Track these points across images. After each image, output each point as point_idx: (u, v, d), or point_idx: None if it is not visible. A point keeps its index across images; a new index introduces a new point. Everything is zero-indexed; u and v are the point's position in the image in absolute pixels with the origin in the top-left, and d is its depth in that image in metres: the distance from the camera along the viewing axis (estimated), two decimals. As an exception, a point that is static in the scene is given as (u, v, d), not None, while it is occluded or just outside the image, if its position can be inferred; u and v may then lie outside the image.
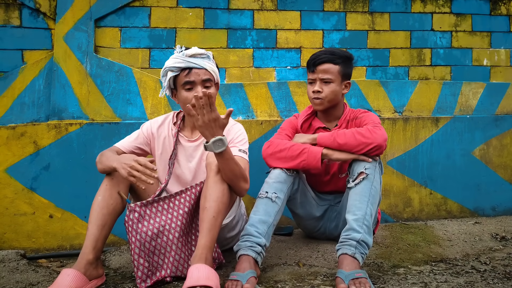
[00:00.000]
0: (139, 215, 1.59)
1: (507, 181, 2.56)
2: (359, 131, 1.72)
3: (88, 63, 2.22)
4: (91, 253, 1.52)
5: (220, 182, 1.56)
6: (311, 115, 1.97)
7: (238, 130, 1.79)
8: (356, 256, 1.50)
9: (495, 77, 2.65)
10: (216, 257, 1.69)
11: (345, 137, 1.72)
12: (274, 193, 1.70)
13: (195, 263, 1.44)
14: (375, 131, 1.71)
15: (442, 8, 2.60)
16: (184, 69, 1.69)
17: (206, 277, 1.39)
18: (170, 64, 1.70)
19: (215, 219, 1.52)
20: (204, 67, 1.70)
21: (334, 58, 1.86)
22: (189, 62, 1.68)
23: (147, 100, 2.29)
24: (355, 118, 1.91)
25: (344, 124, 1.92)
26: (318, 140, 1.77)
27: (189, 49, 1.72)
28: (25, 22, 2.19)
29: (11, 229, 2.08)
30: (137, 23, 2.30)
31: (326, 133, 1.79)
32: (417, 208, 2.46)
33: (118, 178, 1.62)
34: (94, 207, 1.58)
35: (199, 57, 1.71)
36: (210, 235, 1.50)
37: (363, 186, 1.64)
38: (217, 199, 1.54)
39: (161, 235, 1.58)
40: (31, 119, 2.17)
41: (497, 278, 1.60)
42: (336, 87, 1.87)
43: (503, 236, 2.13)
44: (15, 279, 1.65)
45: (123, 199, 1.63)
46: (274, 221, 1.67)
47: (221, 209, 1.55)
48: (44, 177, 2.11)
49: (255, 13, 2.41)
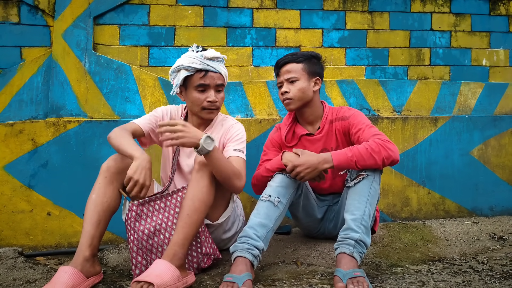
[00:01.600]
0: (136, 214, 1.60)
1: (505, 181, 2.57)
2: (375, 150, 1.63)
3: (87, 61, 2.22)
4: (87, 250, 1.52)
5: (200, 180, 1.57)
6: (292, 123, 1.96)
7: (237, 130, 1.79)
8: (354, 255, 1.50)
9: (494, 77, 2.66)
10: (212, 253, 1.68)
11: (365, 161, 1.63)
12: (277, 197, 1.67)
13: (162, 259, 1.47)
14: (391, 148, 1.66)
15: (441, 7, 2.60)
16: (200, 71, 1.70)
17: (157, 274, 1.40)
18: (186, 63, 1.69)
19: (189, 217, 1.53)
20: (220, 72, 1.73)
21: (296, 57, 1.86)
22: (207, 64, 1.69)
23: (146, 98, 2.28)
24: (341, 119, 1.86)
25: (326, 125, 1.88)
26: (336, 164, 1.64)
27: (206, 50, 1.72)
28: (23, 19, 2.19)
29: (9, 227, 2.07)
30: (136, 20, 2.29)
31: (342, 155, 1.64)
32: (415, 208, 2.47)
33: (112, 176, 1.62)
34: (89, 205, 1.59)
35: (216, 61, 1.72)
36: (183, 232, 1.51)
37: (362, 186, 1.63)
38: (193, 197, 1.55)
39: (157, 234, 1.59)
40: (30, 116, 2.17)
41: (495, 278, 1.60)
42: (303, 84, 1.84)
43: (501, 236, 2.14)
44: (13, 277, 1.65)
45: (120, 195, 1.63)
46: (274, 226, 1.65)
47: (197, 207, 1.55)
48: (42, 174, 2.11)
49: (254, 11, 2.41)
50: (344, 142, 1.86)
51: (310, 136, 1.90)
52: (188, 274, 1.54)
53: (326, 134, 1.88)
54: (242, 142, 1.76)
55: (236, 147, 1.73)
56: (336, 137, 1.87)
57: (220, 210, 1.74)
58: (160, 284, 1.38)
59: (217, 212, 1.73)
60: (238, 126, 1.81)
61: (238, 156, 1.70)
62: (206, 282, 1.59)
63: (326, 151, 1.85)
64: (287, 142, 1.93)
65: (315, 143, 1.90)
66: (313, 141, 1.90)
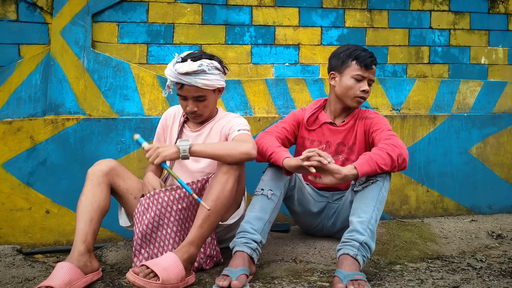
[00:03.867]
0: (144, 207, 1.64)
1: (504, 179, 2.57)
2: (388, 152, 1.62)
3: (85, 58, 2.21)
4: (82, 246, 1.53)
5: (226, 184, 1.57)
6: (318, 109, 1.97)
7: (238, 120, 1.80)
8: (357, 257, 1.49)
9: (492, 76, 2.66)
10: (215, 255, 1.70)
11: (383, 161, 1.61)
12: (270, 190, 1.69)
13: (174, 253, 1.48)
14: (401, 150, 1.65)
15: (440, 6, 2.60)
16: (177, 83, 1.71)
17: (165, 267, 1.41)
18: (166, 73, 1.72)
19: (209, 218, 1.54)
20: (196, 85, 1.68)
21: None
22: (180, 79, 1.68)
23: (145, 95, 2.28)
24: (365, 118, 1.89)
25: (352, 121, 1.90)
26: (360, 171, 1.58)
27: (184, 63, 1.67)
28: (21, 16, 2.18)
29: (7, 224, 2.07)
30: (134, 18, 2.29)
31: (364, 161, 1.60)
32: (414, 206, 2.47)
33: (98, 178, 1.65)
34: (80, 207, 1.61)
35: (192, 75, 1.67)
36: (200, 232, 1.53)
37: (371, 191, 1.62)
38: (217, 199, 1.55)
39: (161, 228, 1.62)
40: (28, 114, 2.16)
41: (493, 275, 1.61)
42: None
43: (499, 234, 2.14)
44: (11, 274, 1.65)
45: (110, 197, 1.70)
46: (270, 218, 1.66)
47: (218, 210, 1.56)
48: (41, 172, 2.10)
49: (253, 9, 2.41)
50: (362, 141, 1.88)
51: (333, 126, 1.91)
52: (190, 275, 1.54)
53: (348, 129, 1.90)
54: (245, 125, 1.77)
55: (239, 128, 1.73)
56: (356, 134, 1.89)
57: (230, 211, 1.75)
58: (165, 279, 1.39)
59: (228, 212, 1.74)
60: (240, 118, 1.83)
61: (242, 133, 1.71)
62: (205, 280, 1.59)
63: (343, 145, 1.90)
64: (308, 125, 1.94)
65: (335, 134, 1.91)
66: (334, 132, 1.91)
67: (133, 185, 1.76)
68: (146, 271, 1.39)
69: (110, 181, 1.69)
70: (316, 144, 1.92)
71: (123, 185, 1.73)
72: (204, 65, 1.67)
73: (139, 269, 1.39)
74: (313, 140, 1.93)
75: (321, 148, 1.90)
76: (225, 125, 1.80)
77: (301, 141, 1.96)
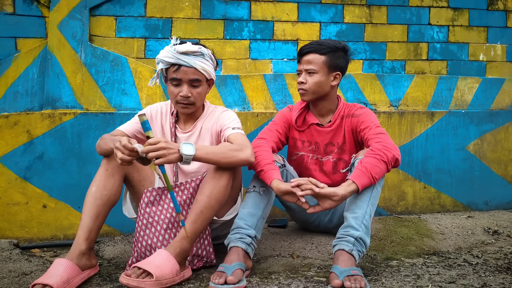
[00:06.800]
0: (149, 200, 1.63)
1: (501, 176, 2.58)
2: (382, 158, 1.60)
3: (83, 52, 2.20)
4: (84, 244, 1.52)
5: (220, 179, 1.55)
6: (304, 109, 1.95)
7: (228, 115, 1.76)
8: (353, 253, 1.49)
9: (490, 72, 2.66)
10: (204, 256, 1.65)
11: (379, 171, 1.60)
12: (262, 187, 1.69)
13: (166, 250, 1.47)
14: (391, 150, 1.63)
15: (439, 2, 2.59)
16: (173, 65, 1.66)
17: (157, 265, 1.41)
18: (161, 56, 1.67)
19: (202, 213, 1.53)
20: (194, 66, 1.65)
21: (320, 48, 1.80)
22: (178, 59, 1.64)
23: (142, 90, 2.27)
24: (351, 116, 1.86)
25: (338, 120, 1.88)
26: (360, 185, 1.57)
27: (183, 44, 1.66)
28: (18, 9, 2.16)
29: (4, 219, 2.06)
30: (132, 12, 2.27)
31: (361, 173, 1.58)
32: (411, 202, 2.48)
33: (114, 168, 1.60)
34: (88, 198, 1.57)
35: (192, 55, 1.65)
36: (193, 227, 1.51)
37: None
38: (210, 195, 1.54)
39: (150, 226, 1.60)
40: (25, 108, 2.15)
41: (489, 271, 1.62)
42: (320, 78, 1.81)
43: (495, 230, 2.15)
44: (8, 268, 1.65)
45: (121, 189, 1.64)
46: (263, 214, 1.67)
47: (212, 205, 1.54)
48: (38, 166, 2.09)
49: (252, 4, 2.39)
50: (351, 140, 1.87)
51: (320, 127, 1.90)
52: (186, 268, 1.54)
53: (335, 129, 1.89)
54: (237, 122, 1.74)
55: (232, 126, 1.70)
56: (344, 134, 1.88)
57: (226, 207, 1.73)
58: (160, 276, 1.39)
59: (224, 208, 1.72)
60: (228, 112, 1.79)
61: (236, 133, 1.67)
62: (202, 274, 1.60)
63: (332, 145, 1.89)
64: (297, 126, 1.93)
65: (323, 135, 1.90)
66: (322, 133, 1.90)
67: (146, 177, 1.73)
68: (138, 272, 1.39)
69: (125, 171, 1.65)
70: (307, 144, 1.92)
71: (137, 176, 1.70)
72: (203, 49, 1.68)
73: (131, 271, 1.40)
74: (304, 140, 1.93)
75: (311, 149, 1.90)
76: (215, 122, 1.76)
77: (293, 142, 1.96)
